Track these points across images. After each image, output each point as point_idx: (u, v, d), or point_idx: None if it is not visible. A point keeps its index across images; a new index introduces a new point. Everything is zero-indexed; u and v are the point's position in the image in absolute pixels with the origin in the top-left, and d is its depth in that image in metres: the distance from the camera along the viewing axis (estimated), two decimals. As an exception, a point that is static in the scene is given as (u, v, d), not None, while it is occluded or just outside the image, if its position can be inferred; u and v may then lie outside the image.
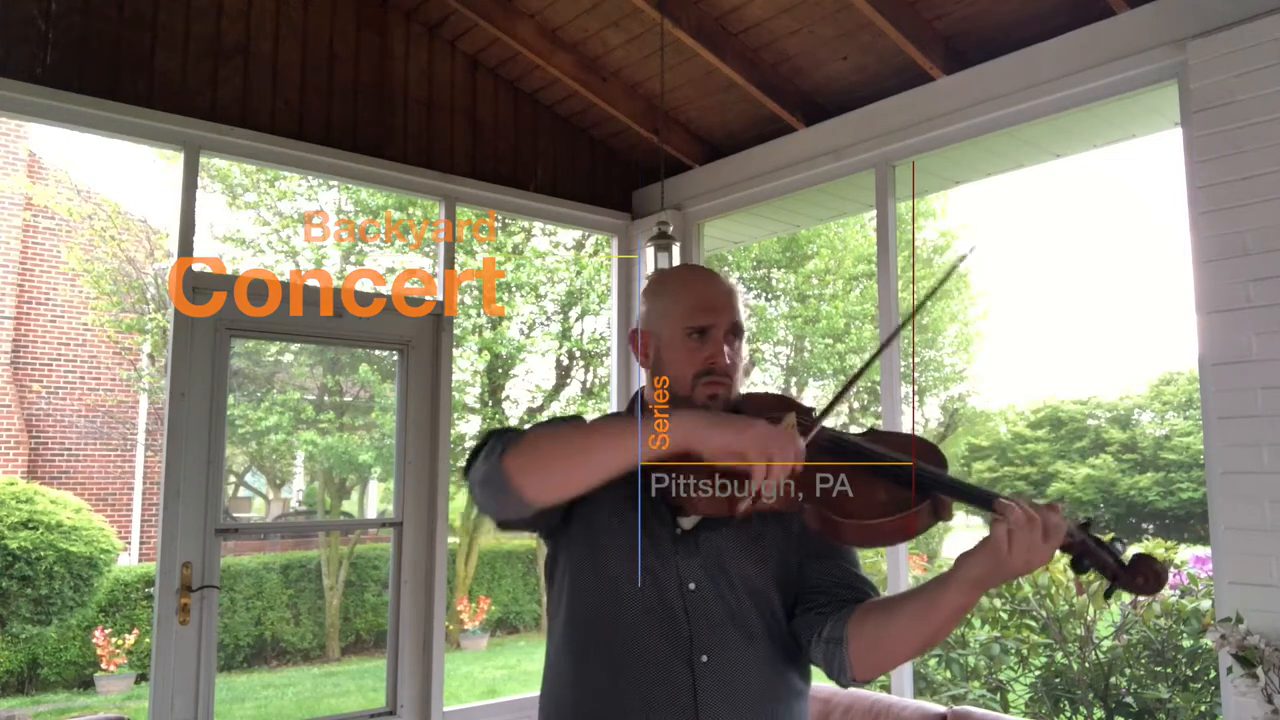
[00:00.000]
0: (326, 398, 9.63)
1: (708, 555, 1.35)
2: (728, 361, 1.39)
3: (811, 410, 1.36)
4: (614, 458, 1.19)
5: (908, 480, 1.21)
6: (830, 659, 1.31)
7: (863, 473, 1.24)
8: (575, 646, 1.36)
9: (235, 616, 8.36)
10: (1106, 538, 1.18)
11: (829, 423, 1.29)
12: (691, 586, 1.33)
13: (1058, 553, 1.15)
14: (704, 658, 1.30)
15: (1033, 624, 4.66)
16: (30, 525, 7.44)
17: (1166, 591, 4.52)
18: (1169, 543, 4.90)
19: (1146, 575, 1.13)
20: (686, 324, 1.39)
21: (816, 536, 1.36)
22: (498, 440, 1.27)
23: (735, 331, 1.41)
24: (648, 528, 1.35)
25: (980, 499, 1.17)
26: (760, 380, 12.26)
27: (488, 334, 9.56)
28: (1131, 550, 1.17)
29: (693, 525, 1.36)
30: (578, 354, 10.68)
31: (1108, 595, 1.18)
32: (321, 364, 9.48)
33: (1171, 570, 4.63)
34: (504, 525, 1.35)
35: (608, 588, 1.34)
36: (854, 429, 1.42)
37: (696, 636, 1.30)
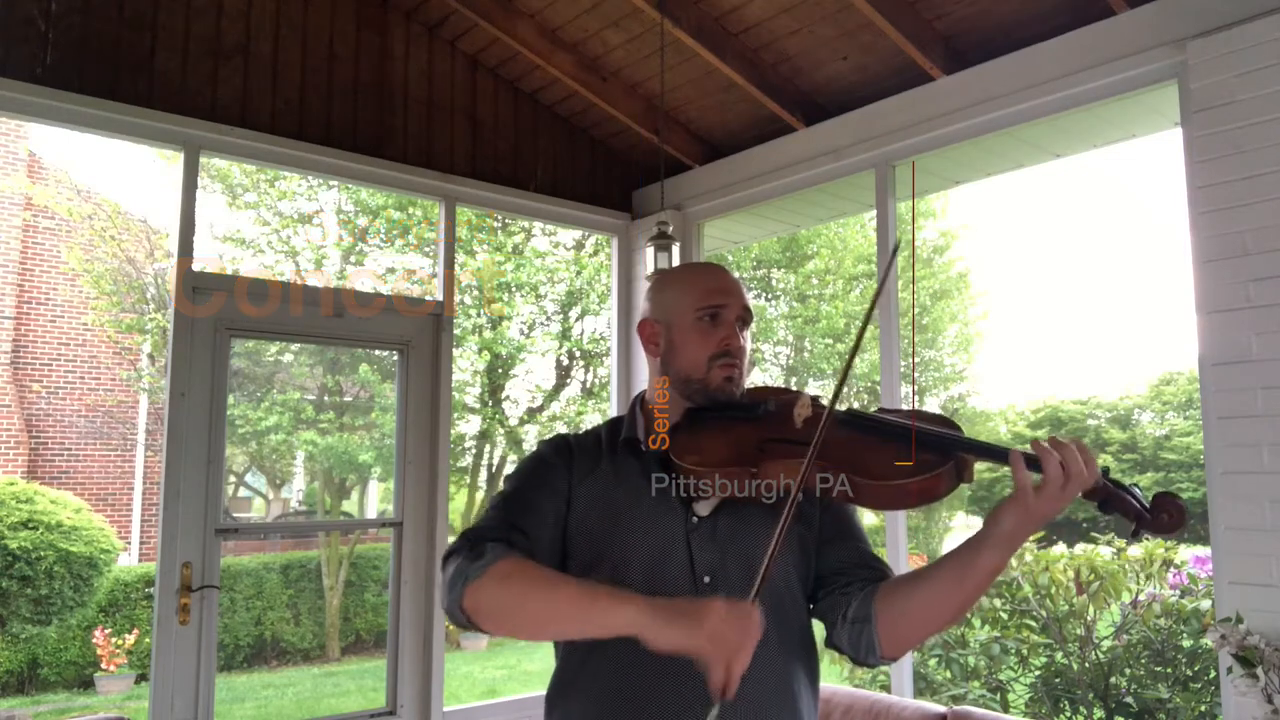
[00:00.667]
0: (326, 398, 9.63)
1: (727, 543, 1.32)
2: (741, 344, 1.39)
3: (817, 398, 1.36)
4: (567, 629, 1.22)
5: (931, 443, 1.23)
6: (857, 639, 1.30)
7: (883, 440, 1.27)
8: (585, 651, 1.34)
9: (235, 616, 8.35)
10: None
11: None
12: (706, 580, 1.30)
13: (1084, 500, 1.18)
14: None
15: (1033, 624, 4.66)
16: (30, 525, 7.44)
17: (1166, 591, 4.53)
18: (1169, 543, 4.90)
19: (1170, 512, 1.14)
20: (699, 306, 1.39)
21: (847, 512, 1.37)
22: (467, 560, 1.25)
23: (746, 317, 1.42)
24: (656, 523, 1.33)
25: (999, 455, 1.20)
26: (760, 381, 12.24)
27: (488, 334, 9.57)
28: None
29: (710, 511, 1.34)
30: (578, 354, 10.69)
31: (1135, 535, 1.18)
32: (321, 364, 9.48)
33: (1171, 570, 4.63)
34: None
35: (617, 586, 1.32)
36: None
37: None
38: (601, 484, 1.38)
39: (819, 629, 1.42)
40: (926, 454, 1.22)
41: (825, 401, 1.34)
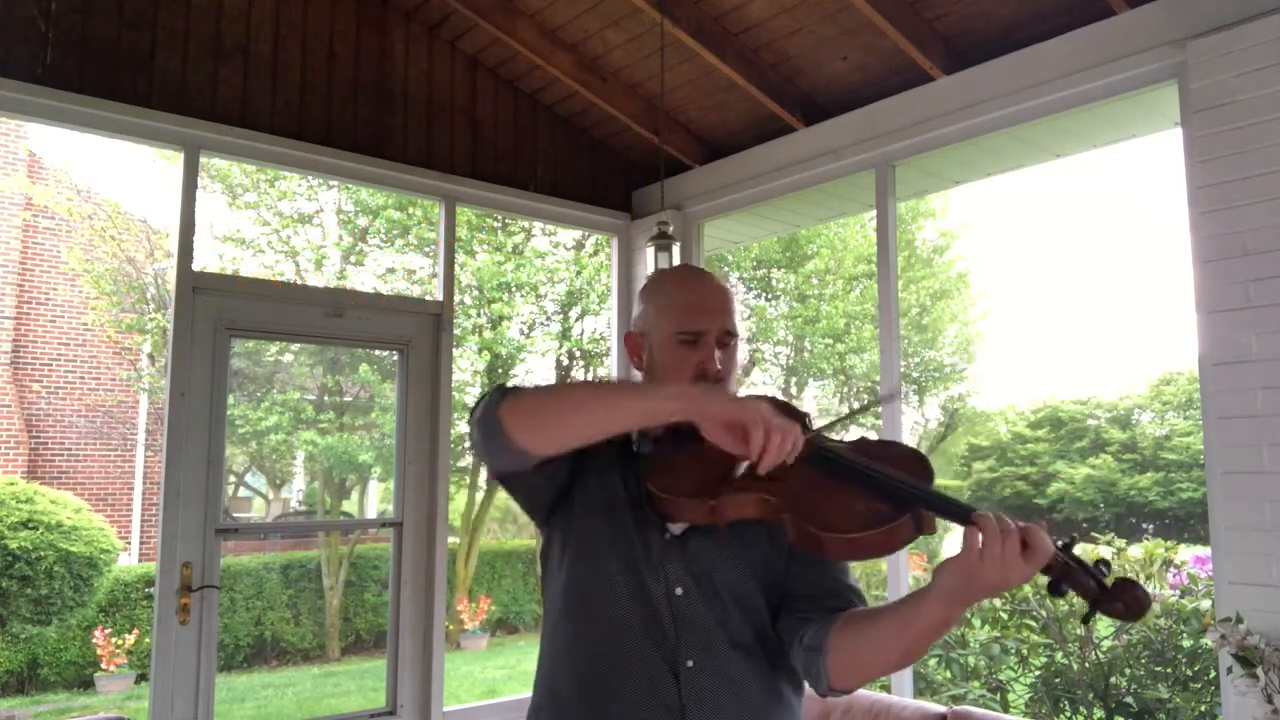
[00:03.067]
0: (326, 398, 9.63)
1: (695, 561, 1.34)
2: (718, 368, 1.38)
3: (807, 415, 1.33)
4: (610, 417, 1.20)
5: (890, 494, 1.18)
6: (809, 666, 1.30)
7: (844, 486, 1.21)
8: (568, 641, 1.37)
9: (235, 616, 8.35)
10: (1091, 559, 1.13)
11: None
12: (679, 592, 1.32)
13: (1038, 574, 1.11)
14: (689, 663, 1.29)
15: (1033, 624, 4.66)
16: (30, 525, 7.44)
17: (1166, 591, 4.53)
18: (1169, 543, 4.90)
19: (1127, 601, 1.08)
20: (677, 329, 1.38)
21: (798, 548, 1.35)
22: (501, 390, 1.28)
23: (727, 338, 1.39)
24: (639, 530, 1.35)
25: (958, 513, 1.13)
26: (760, 380, 12.26)
27: (488, 334, 9.56)
28: (1112, 576, 1.12)
29: (681, 531, 1.36)
30: (578, 354, 10.68)
31: (1085, 620, 1.14)
32: (321, 364, 9.47)
33: (1171, 570, 4.63)
34: (499, 477, 1.34)
35: (599, 585, 1.34)
36: (841, 437, 1.40)
37: (682, 642, 1.30)
38: (607, 472, 1.40)
39: None
40: (883, 504, 1.17)
41: (811, 432, 1.31)
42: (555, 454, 1.25)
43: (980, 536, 1.08)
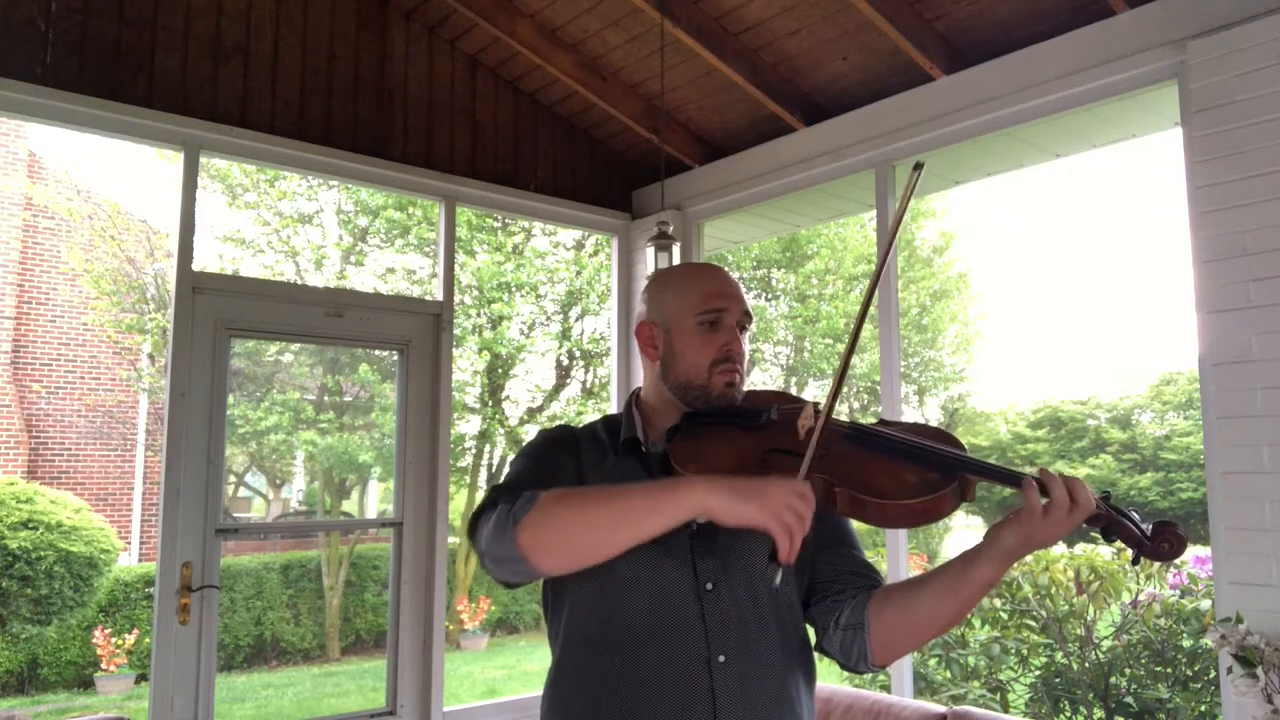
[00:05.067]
0: (326, 398, 9.62)
1: (728, 553, 1.32)
2: (742, 348, 1.39)
3: (817, 404, 1.35)
4: (642, 526, 1.15)
5: (933, 463, 1.22)
6: (849, 645, 1.31)
7: (889, 457, 1.26)
8: (584, 656, 1.32)
9: (235, 616, 8.35)
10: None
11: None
12: (709, 587, 1.30)
13: (1088, 528, 1.20)
14: (721, 658, 1.27)
15: (1033, 624, 4.66)
16: (30, 525, 7.44)
17: (1166, 591, 4.53)
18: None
19: (1170, 541, 1.17)
20: (699, 310, 1.38)
21: (841, 520, 1.37)
22: (506, 506, 1.23)
23: (746, 320, 1.41)
24: None
25: (1006, 476, 1.20)
26: (760, 380, 12.25)
27: (488, 334, 9.56)
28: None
29: (707, 519, 1.34)
30: (578, 354, 10.68)
31: (1135, 562, 1.21)
32: (321, 364, 9.47)
33: (1171, 570, 4.63)
34: (512, 587, 1.31)
35: (617, 594, 1.30)
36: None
37: (714, 638, 1.27)
38: (608, 480, 1.36)
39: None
40: (931, 473, 1.21)
41: (824, 407, 1.33)
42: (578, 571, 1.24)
43: (1045, 494, 1.15)
